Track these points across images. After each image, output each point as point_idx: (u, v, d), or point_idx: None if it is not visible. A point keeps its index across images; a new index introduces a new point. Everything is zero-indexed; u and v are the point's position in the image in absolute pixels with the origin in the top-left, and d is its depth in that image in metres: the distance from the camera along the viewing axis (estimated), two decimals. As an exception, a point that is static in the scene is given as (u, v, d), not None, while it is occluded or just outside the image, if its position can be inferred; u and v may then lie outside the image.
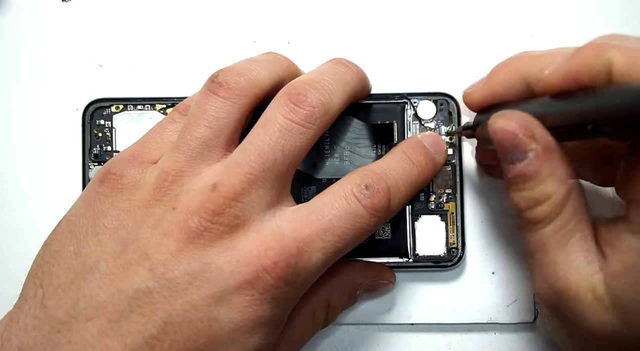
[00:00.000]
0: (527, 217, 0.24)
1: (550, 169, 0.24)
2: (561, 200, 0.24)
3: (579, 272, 0.23)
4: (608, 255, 0.23)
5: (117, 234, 0.24)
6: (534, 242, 0.24)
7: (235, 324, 0.23)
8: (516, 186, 0.24)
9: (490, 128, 0.24)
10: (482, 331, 0.31)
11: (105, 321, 0.22)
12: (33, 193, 0.32)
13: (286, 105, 0.24)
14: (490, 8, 0.32)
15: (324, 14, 0.33)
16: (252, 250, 0.23)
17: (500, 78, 0.26)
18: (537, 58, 0.25)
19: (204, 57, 0.33)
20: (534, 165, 0.24)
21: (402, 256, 0.30)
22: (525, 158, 0.24)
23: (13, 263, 0.31)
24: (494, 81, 0.27)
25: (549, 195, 0.24)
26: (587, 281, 0.23)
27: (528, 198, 0.24)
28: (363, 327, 0.32)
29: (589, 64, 0.22)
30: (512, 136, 0.24)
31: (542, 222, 0.24)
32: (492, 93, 0.27)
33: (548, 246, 0.24)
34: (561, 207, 0.24)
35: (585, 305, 0.23)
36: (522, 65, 0.26)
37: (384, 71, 0.32)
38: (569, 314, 0.24)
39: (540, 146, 0.23)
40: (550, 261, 0.24)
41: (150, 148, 0.26)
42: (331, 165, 0.30)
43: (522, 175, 0.24)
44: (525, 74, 0.25)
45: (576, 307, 0.23)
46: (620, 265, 0.22)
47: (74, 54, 0.33)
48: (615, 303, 0.22)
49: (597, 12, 0.32)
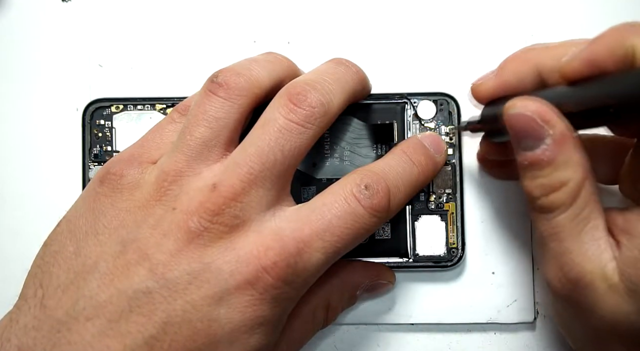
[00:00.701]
0: (541, 205, 0.24)
1: (567, 155, 0.23)
2: (577, 187, 0.23)
3: (592, 260, 0.23)
4: (623, 242, 0.23)
5: (117, 234, 0.24)
6: (548, 230, 0.24)
7: (235, 324, 0.23)
8: (531, 173, 0.24)
9: (506, 114, 0.24)
10: (482, 331, 0.31)
11: (104, 321, 0.22)
12: (33, 193, 0.32)
13: (286, 105, 0.24)
14: (490, 8, 0.32)
15: (324, 14, 0.33)
16: (252, 250, 0.23)
17: (511, 69, 0.26)
18: (550, 49, 0.25)
19: (204, 57, 0.33)
20: (551, 151, 0.23)
21: (402, 256, 0.30)
22: (542, 144, 0.24)
23: (13, 263, 0.31)
24: (505, 72, 0.27)
25: (565, 181, 0.23)
26: (602, 270, 0.23)
27: (543, 185, 0.24)
28: (363, 327, 0.32)
29: (611, 49, 0.22)
30: (529, 121, 0.23)
31: (557, 210, 0.24)
32: (504, 85, 0.26)
33: (562, 234, 0.24)
34: (576, 194, 0.23)
35: (599, 294, 0.23)
36: (534, 56, 0.26)
37: (384, 71, 0.32)
38: (583, 303, 0.24)
39: (557, 132, 0.23)
40: (565, 249, 0.24)
41: (150, 149, 0.26)
42: (331, 165, 0.30)
43: (538, 161, 0.24)
44: (537, 64, 0.25)
45: (590, 296, 0.23)
46: (637, 252, 0.22)
47: (74, 54, 0.33)
48: (631, 291, 0.22)
49: (597, 12, 0.32)
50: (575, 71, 0.24)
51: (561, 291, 0.24)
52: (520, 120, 0.24)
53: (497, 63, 0.27)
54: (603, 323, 0.23)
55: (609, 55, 0.23)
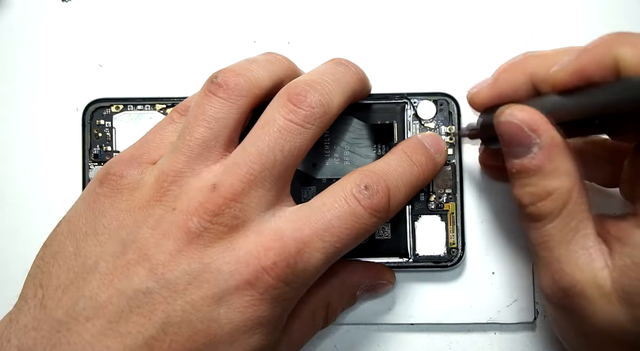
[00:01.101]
0: (530, 213, 0.24)
1: (555, 164, 0.24)
2: (564, 196, 0.23)
3: (583, 269, 0.23)
4: (616, 250, 0.23)
5: (117, 234, 0.24)
6: (537, 239, 0.24)
7: (235, 324, 0.23)
8: (520, 181, 0.24)
9: (496, 122, 0.24)
10: (482, 331, 0.31)
11: (104, 321, 0.22)
12: (33, 193, 0.32)
13: (285, 105, 0.24)
14: (490, 8, 0.32)
15: (324, 14, 0.33)
16: (252, 251, 0.23)
17: (506, 79, 0.26)
18: (543, 58, 0.25)
19: (204, 57, 0.33)
20: (538, 160, 0.24)
21: (402, 256, 0.30)
22: (529, 152, 0.24)
23: (13, 264, 0.31)
24: (500, 82, 0.27)
25: (552, 190, 0.24)
26: (593, 278, 0.23)
27: (531, 193, 0.24)
28: (363, 327, 0.32)
29: (598, 60, 0.23)
30: (517, 129, 0.24)
31: (545, 218, 0.24)
32: (498, 94, 0.27)
33: (552, 243, 0.24)
34: (564, 204, 0.24)
35: (591, 302, 0.23)
36: (528, 65, 0.26)
37: (384, 71, 0.32)
38: (575, 311, 0.24)
39: (545, 140, 0.23)
40: (555, 258, 0.24)
41: (150, 149, 0.26)
42: (331, 165, 0.30)
43: (526, 169, 0.24)
44: (531, 74, 0.25)
45: (583, 304, 0.23)
46: (629, 260, 0.22)
47: (74, 54, 0.33)
48: (623, 299, 0.22)
49: (597, 12, 0.32)
50: (564, 82, 0.24)
51: (553, 299, 0.24)
52: (508, 128, 0.24)
53: (497, 63, 0.27)
54: (596, 330, 0.23)
55: (596, 67, 0.23)
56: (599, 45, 0.23)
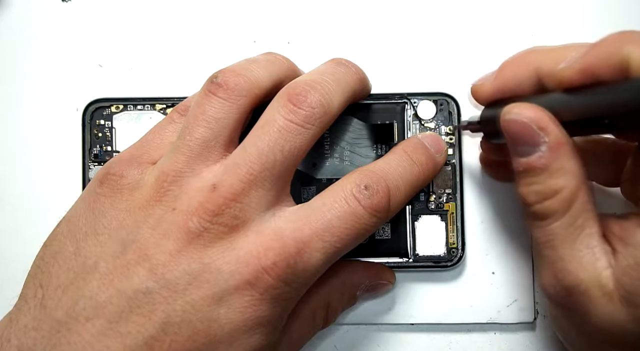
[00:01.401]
0: (535, 212, 0.24)
1: (561, 163, 0.23)
2: (571, 195, 0.23)
3: (587, 269, 0.23)
4: (619, 250, 0.23)
5: (117, 234, 0.24)
6: (542, 237, 0.24)
7: (235, 324, 0.23)
8: (526, 180, 0.24)
9: (502, 120, 0.24)
10: (482, 331, 0.31)
11: (104, 321, 0.22)
12: (33, 193, 0.32)
13: (285, 106, 0.24)
14: (491, 8, 0.32)
15: (324, 14, 0.33)
16: (252, 251, 0.23)
17: (511, 72, 0.26)
18: (550, 52, 0.25)
19: (204, 57, 0.33)
20: (546, 158, 0.23)
21: (402, 256, 0.30)
22: (537, 151, 0.24)
23: (13, 264, 0.31)
24: (504, 75, 0.26)
25: (558, 189, 0.23)
26: (596, 278, 0.23)
27: (537, 192, 0.24)
28: (363, 327, 0.32)
29: (606, 58, 0.22)
30: (525, 128, 0.23)
31: (550, 217, 0.24)
32: (503, 87, 0.26)
33: (556, 241, 0.24)
34: (570, 202, 0.23)
35: (594, 301, 0.23)
36: (534, 59, 0.25)
37: (384, 71, 0.32)
38: (577, 310, 0.24)
39: (552, 139, 0.23)
40: (559, 257, 0.24)
41: (150, 149, 0.26)
42: (331, 165, 0.30)
43: (532, 168, 0.24)
44: (537, 68, 0.25)
45: (585, 303, 0.23)
46: (632, 260, 0.22)
47: (74, 54, 0.33)
48: (625, 299, 0.22)
49: (597, 12, 0.32)
50: (571, 80, 0.24)
51: (556, 298, 0.24)
52: (516, 127, 0.24)
53: (497, 63, 0.27)
54: (597, 330, 0.23)
55: (604, 65, 0.22)
56: (607, 43, 0.23)
